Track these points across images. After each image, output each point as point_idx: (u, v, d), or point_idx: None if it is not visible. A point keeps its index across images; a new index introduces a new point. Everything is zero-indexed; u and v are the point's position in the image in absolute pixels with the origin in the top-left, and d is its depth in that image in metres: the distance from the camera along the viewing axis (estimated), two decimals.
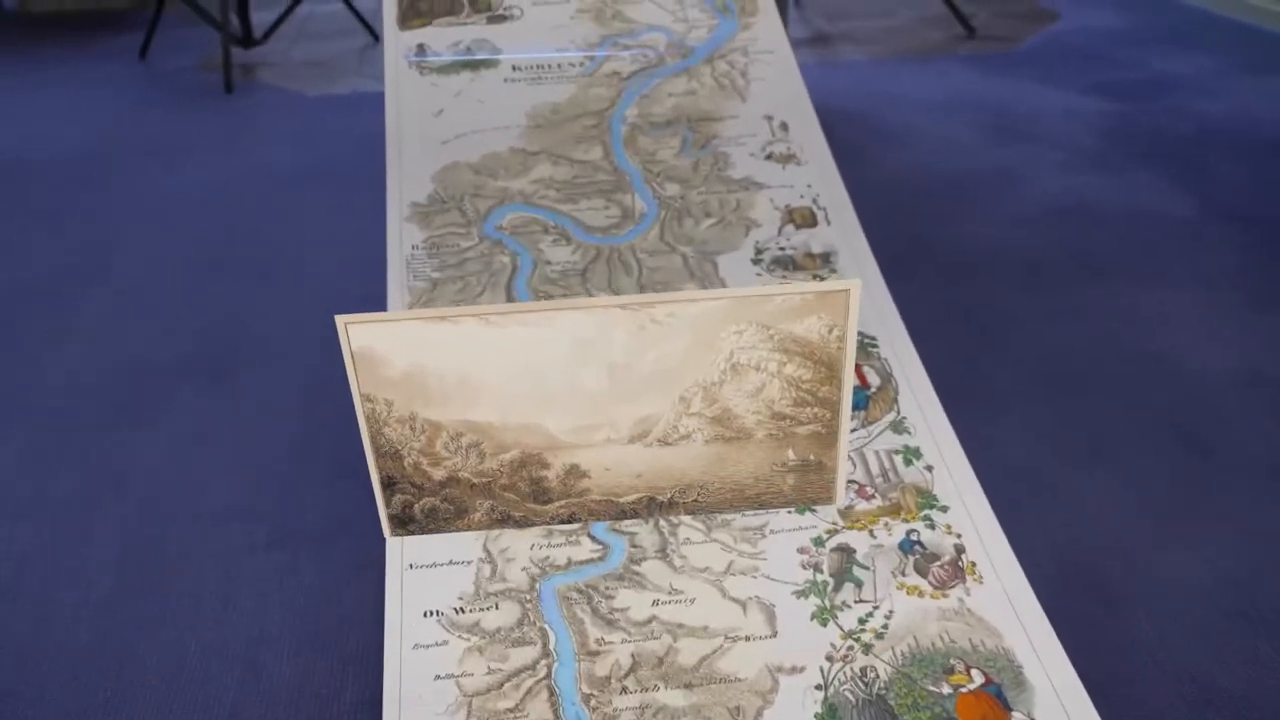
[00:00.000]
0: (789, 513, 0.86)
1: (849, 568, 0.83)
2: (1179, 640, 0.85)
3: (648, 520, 0.86)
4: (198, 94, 2.35)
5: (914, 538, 0.85)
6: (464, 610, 0.80)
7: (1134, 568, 0.93)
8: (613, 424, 0.81)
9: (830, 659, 0.75)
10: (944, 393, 0.97)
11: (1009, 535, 0.86)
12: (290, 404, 1.21)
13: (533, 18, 1.30)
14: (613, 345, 0.78)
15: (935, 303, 1.33)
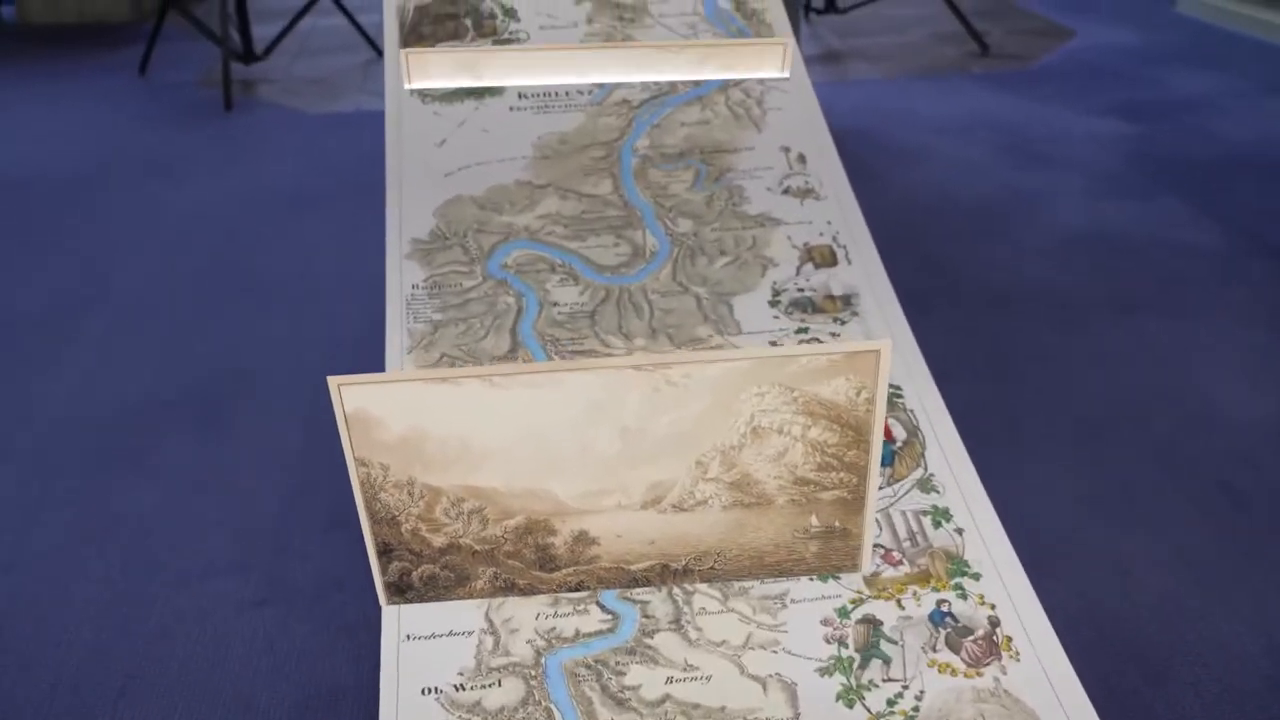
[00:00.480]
0: (811, 580, 0.81)
1: (876, 642, 0.77)
2: (1227, 717, 0.80)
3: (660, 588, 0.81)
4: (197, 111, 2.30)
5: (945, 609, 0.79)
6: (465, 687, 0.74)
7: (1176, 635, 0.87)
8: (624, 489, 0.76)
9: None
10: (968, 440, 0.92)
11: (1043, 599, 0.80)
12: (287, 445, 1.16)
13: (540, 41, 1.25)
14: (625, 408, 0.73)
15: (956, 340, 1.28)
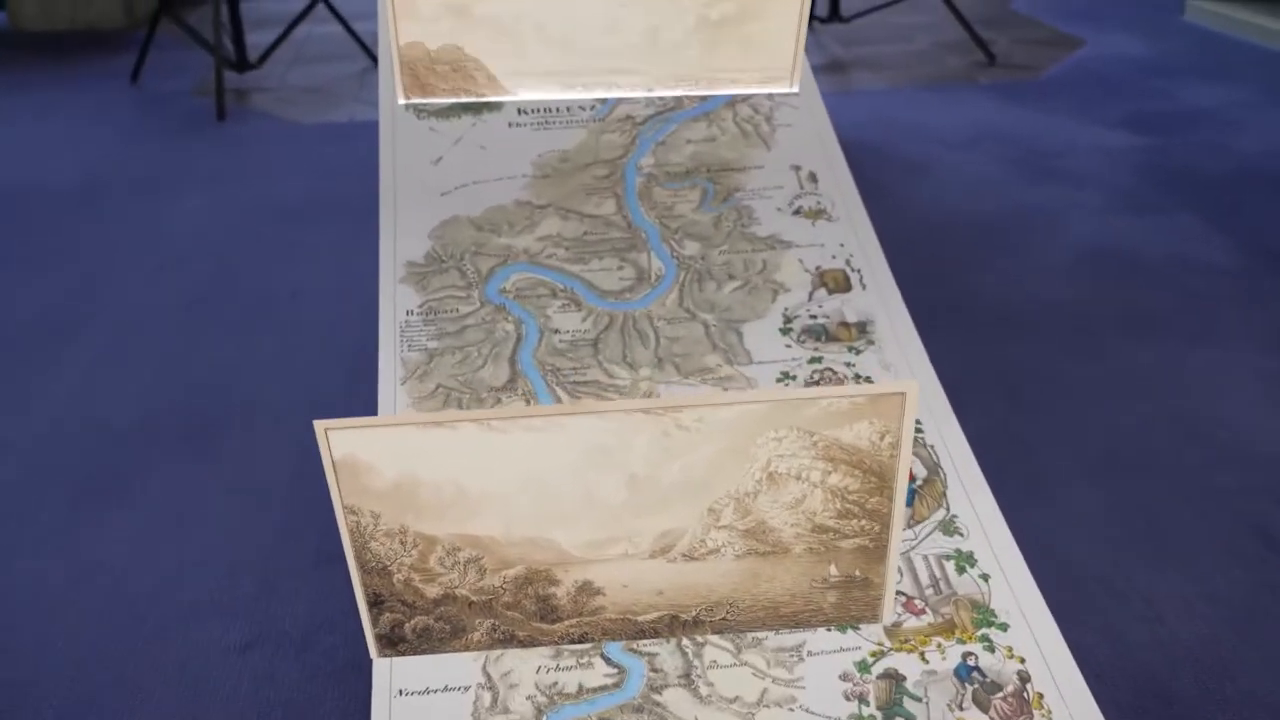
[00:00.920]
0: (829, 630, 0.76)
1: (899, 699, 0.73)
2: None
3: (669, 639, 0.76)
4: (189, 121, 2.25)
5: (971, 662, 0.75)
6: None
7: (1212, 687, 0.83)
8: (631, 538, 0.72)
9: None
10: (988, 475, 0.87)
11: (1072, 647, 0.76)
12: (275, 475, 1.11)
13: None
14: (633, 453, 0.68)
15: (970, 365, 1.24)
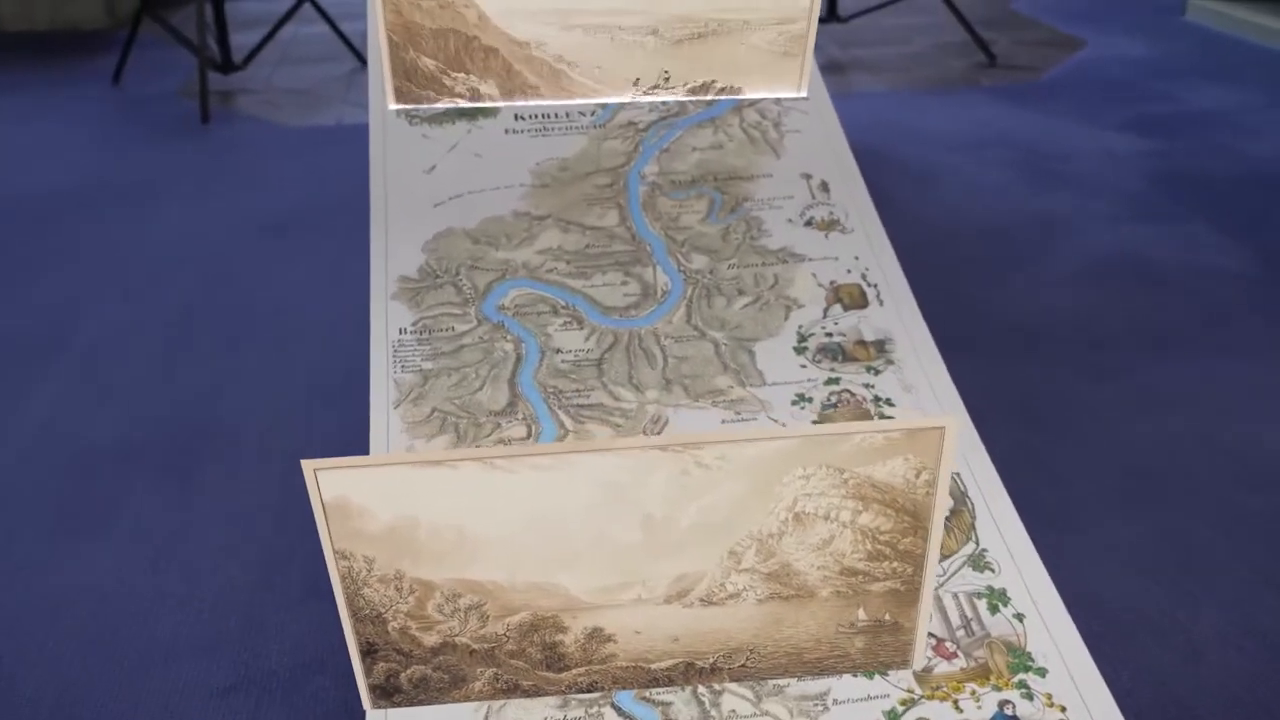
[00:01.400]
0: (855, 676, 0.71)
1: None
2: None
3: (684, 688, 0.71)
4: (172, 125, 2.19)
5: (1009, 711, 0.70)
6: None
7: None
8: (645, 582, 0.66)
9: None
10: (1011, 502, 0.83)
11: (1112, 688, 0.71)
12: (260, 503, 1.05)
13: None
14: (649, 493, 0.63)
15: (986, 384, 1.18)
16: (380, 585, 0.65)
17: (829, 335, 0.95)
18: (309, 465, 0.60)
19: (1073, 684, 0.71)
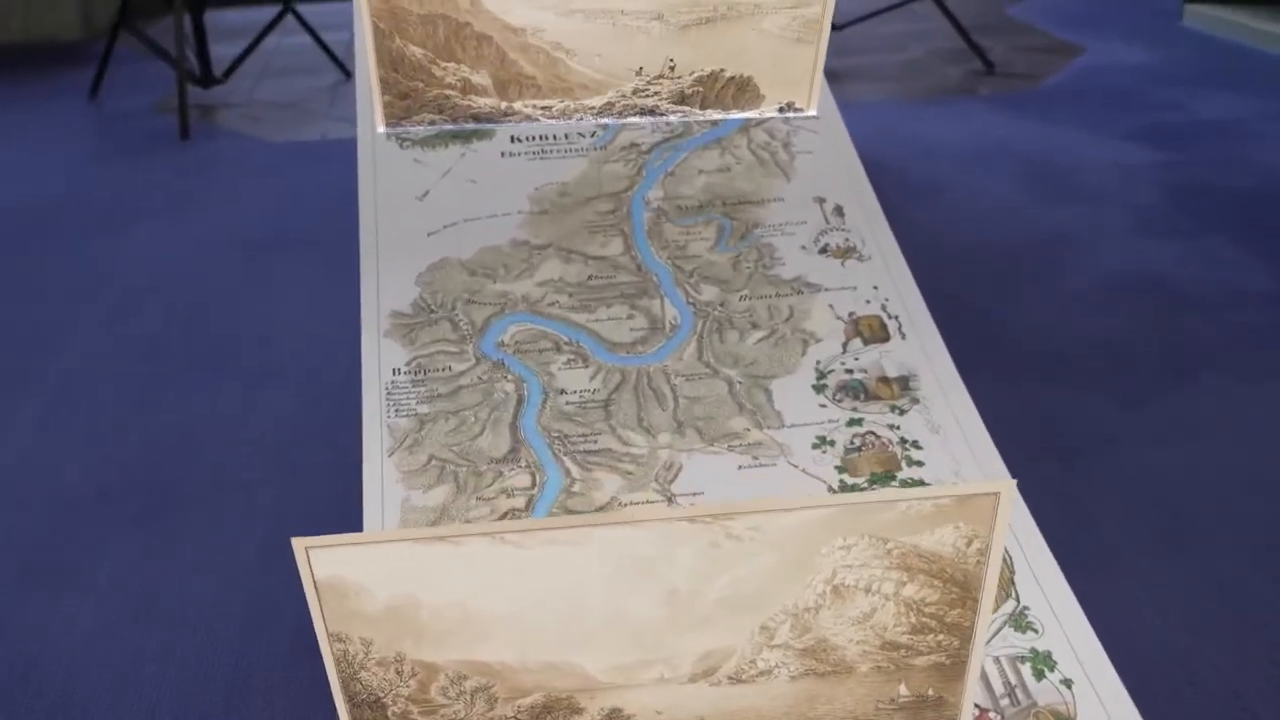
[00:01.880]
0: None
1: None
2: None
3: None
4: (151, 141, 2.12)
5: None
6: None
7: None
8: (669, 660, 0.61)
9: None
10: None
11: None
12: (245, 552, 0.99)
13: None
14: (674, 567, 0.57)
15: (1007, 414, 1.12)
16: (379, 668, 0.59)
17: (849, 372, 0.89)
18: (300, 544, 0.54)
19: None
